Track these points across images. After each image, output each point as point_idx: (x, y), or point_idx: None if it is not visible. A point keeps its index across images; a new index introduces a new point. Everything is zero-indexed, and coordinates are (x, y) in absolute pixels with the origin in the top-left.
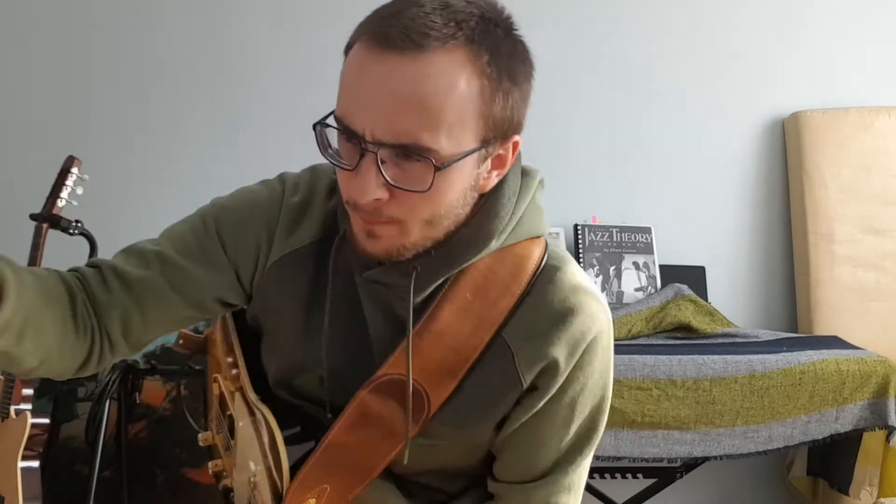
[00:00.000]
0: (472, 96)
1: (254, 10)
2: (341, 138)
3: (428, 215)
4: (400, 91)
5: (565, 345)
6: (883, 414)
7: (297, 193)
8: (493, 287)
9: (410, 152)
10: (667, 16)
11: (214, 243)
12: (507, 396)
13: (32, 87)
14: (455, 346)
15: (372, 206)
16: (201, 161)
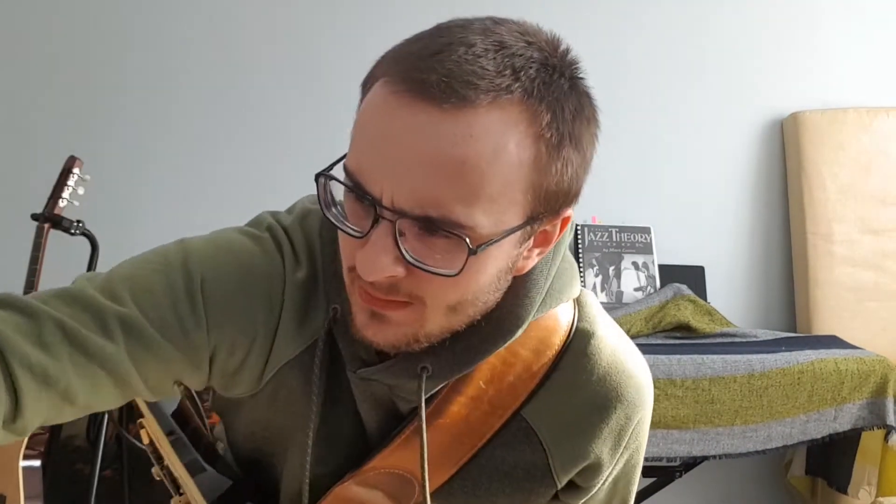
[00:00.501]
0: (522, 164)
1: (256, 11)
2: (349, 196)
3: (453, 301)
4: (433, 152)
5: (609, 438)
6: (881, 413)
7: (300, 266)
8: (511, 370)
9: (438, 227)
10: (666, 16)
11: (198, 321)
12: (535, 490)
13: (34, 87)
14: (460, 435)
15: (386, 282)
16: (203, 161)
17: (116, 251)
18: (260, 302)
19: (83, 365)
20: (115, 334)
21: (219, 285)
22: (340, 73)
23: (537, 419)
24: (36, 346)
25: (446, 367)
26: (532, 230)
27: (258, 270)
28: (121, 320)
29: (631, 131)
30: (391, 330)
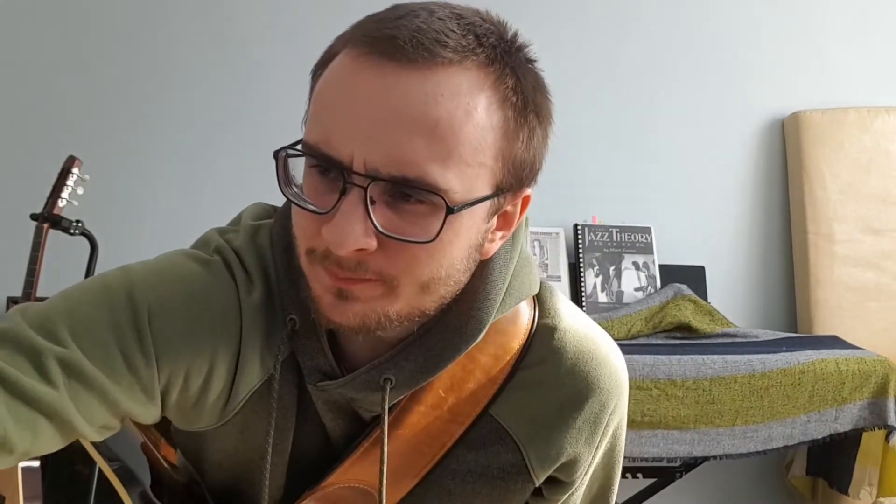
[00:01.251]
0: (492, 128)
1: (256, 9)
2: (311, 173)
3: (426, 276)
4: (406, 111)
5: (585, 429)
6: (882, 413)
7: (254, 287)
8: (471, 377)
9: (413, 190)
10: (666, 17)
11: (146, 357)
12: (512, 489)
13: (33, 87)
14: (419, 445)
15: (354, 258)
16: (202, 161)
17: (116, 251)
18: (213, 331)
19: (22, 413)
20: (55, 377)
21: (167, 316)
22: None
23: (508, 418)
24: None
25: (409, 377)
26: (499, 204)
27: (209, 298)
28: (60, 361)
29: (631, 131)
30: (359, 308)
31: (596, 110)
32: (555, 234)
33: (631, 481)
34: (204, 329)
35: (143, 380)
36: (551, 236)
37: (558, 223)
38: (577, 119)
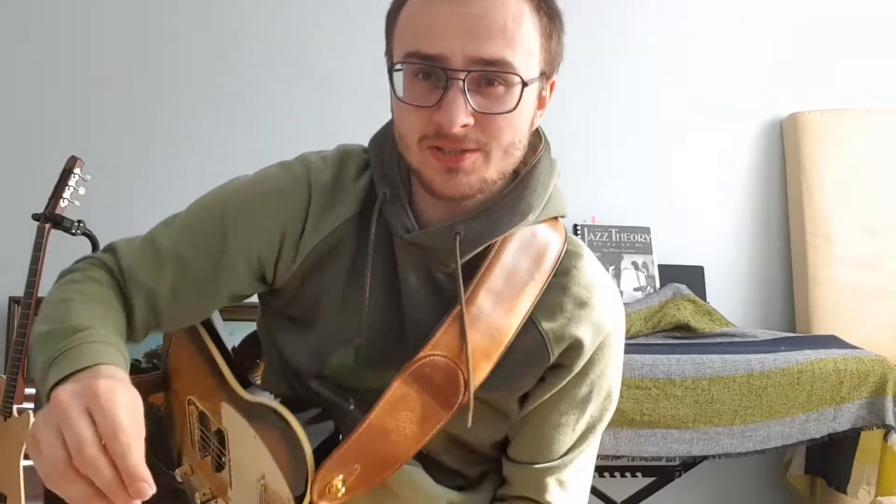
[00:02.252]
0: (537, 26)
1: (257, 10)
2: (413, 81)
3: (507, 142)
4: (481, 15)
5: (590, 326)
6: (880, 413)
7: (326, 171)
8: (519, 274)
9: (498, 72)
10: (666, 18)
11: (236, 244)
12: (534, 369)
13: (35, 87)
14: (490, 330)
15: (460, 134)
16: (203, 161)
17: None
18: (287, 210)
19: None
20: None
21: (252, 214)
22: (342, 74)
23: (541, 317)
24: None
25: (474, 235)
26: (542, 86)
27: (285, 189)
28: (174, 257)
29: (631, 131)
30: (464, 180)
31: (596, 111)
32: None
33: (630, 480)
34: (279, 209)
35: (237, 263)
36: None
37: None
38: (576, 119)
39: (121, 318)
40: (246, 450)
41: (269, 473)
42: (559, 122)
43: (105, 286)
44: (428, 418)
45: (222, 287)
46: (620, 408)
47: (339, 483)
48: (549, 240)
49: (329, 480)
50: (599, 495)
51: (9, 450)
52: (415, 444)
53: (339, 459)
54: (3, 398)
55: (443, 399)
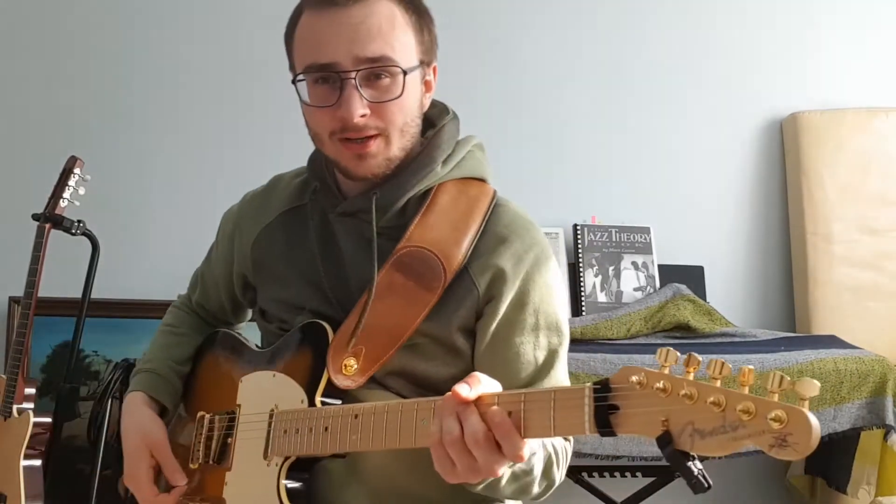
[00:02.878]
0: (408, 23)
1: (257, 10)
2: (314, 88)
3: (401, 122)
4: (359, 22)
5: (511, 257)
6: (880, 413)
7: (255, 190)
8: (459, 208)
9: (382, 68)
10: (666, 17)
11: (222, 263)
12: (466, 302)
13: (35, 87)
14: (442, 242)
15: (360, 123)
16: (204, 161)
17: (117, 251)
18: (230, 225)
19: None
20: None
21: (219, 237)
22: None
23: (472, 262)
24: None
25: (390, 191)
26: (424, 73)
27: (227, 215)
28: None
29: (630, 131)
30: (372, 162)
31: (595, 111)
32: (554, 234)
33: (630, 480)
34: (225, 228)
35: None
36: (551, 236)
37: (558, 223)
38: (576, 119)
39: (185, 341)
40: (259, 398)
41: (281, 397)
42: (560, 122)
43: (181, 313)
44: (416, 302)
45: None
46: None
47: (353, 361)
48: (477, 196)
49: (342, 360)
50: (599, 495)
51: (9, 449)
52: (409, 325)
53: (343, 338)
54: (3, 398)
55: (425, 284)
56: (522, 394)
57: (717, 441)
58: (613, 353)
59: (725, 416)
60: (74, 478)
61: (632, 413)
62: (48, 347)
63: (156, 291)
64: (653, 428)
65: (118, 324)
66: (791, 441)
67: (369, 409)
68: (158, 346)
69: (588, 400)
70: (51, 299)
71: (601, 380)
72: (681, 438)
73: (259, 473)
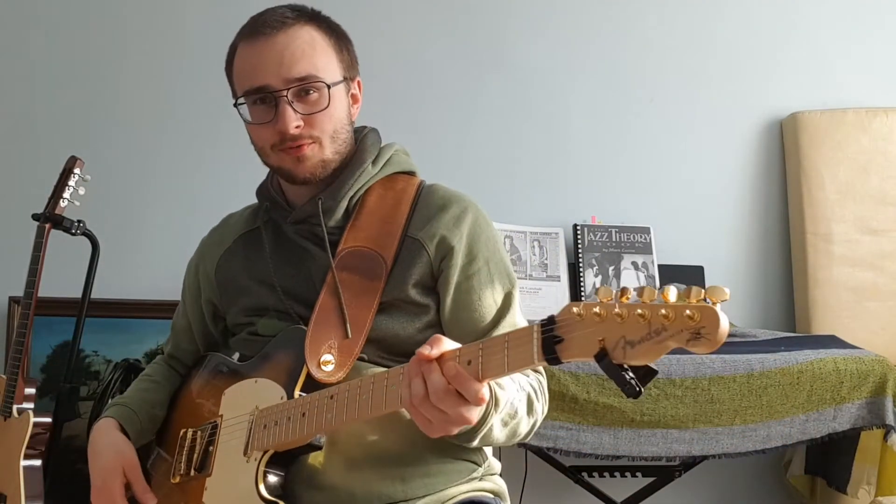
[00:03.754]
0: (328, 46)
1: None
2: (253, 108)
3: (332, 129)
4: (285, 49)
5: (451, 219)
6: (880, 413)
7: (209, 233)
8: (387, 202)
9: (309, 84)
10: (665, 17)
11: (191, 300)
12: (420, 264)
13: (35, 87)
14: (375, 237)
15: (296, 133)
16: (203, 161)
17: (117, 251)
18: (193, 266)
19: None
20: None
21: (186, 281)
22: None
23: (415, 230)
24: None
25: (332, 194)
26: (349, 87)
27: (190, 262)
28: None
29: (631, 131)
30: (308, 164)
31: (596, 110)
32: (554, 234)
33: (630, 480)
34: (190, 270)
35: (196, 309)
36: (551, 236)
37: (558, 223)
38: (576, 119)
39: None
40: (241, 404)
41: (263, 398)
42: (559, 123)
43: (156, 365)
44: (367, 292)
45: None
46: (620, 408)
47: (330, 358)
48: (404, 188)
49: (319, 355)
50: (599, 495)
51: (9, 450)
52: (367, 314)
53: (315, 335)
54: (3, 398)
55: (371, 273)
56: (480, 343)
57: (645, 348)
58: None
59: (651, 324)
60: (74, 478)
61: (573, 339)
62: (48, 347)
63: (156, 291)
64: (591, 348)
65: (118, 324)
66: (704, 333)
67: (343, 388)
68: (133, 390)
69: (536, 335)
70: (51, 299)
71: (546, 317)
72: (615, 352)
73: (239, 471)
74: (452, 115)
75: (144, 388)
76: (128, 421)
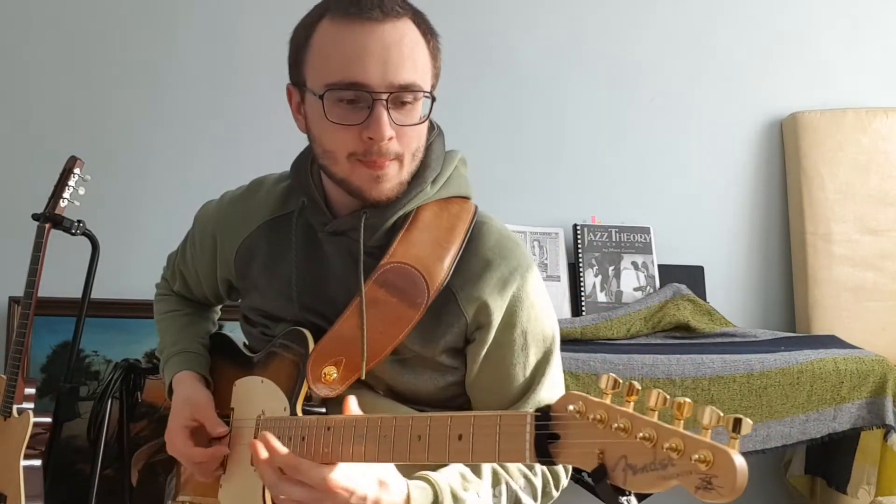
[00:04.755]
0: (428, 53)
1: (257, 11)
2: (339, 105)
3: (415, 147)
4: (394, 45)
5: (497, 283)
6: (880, 413)
7: (233, 193)
8: (442, 224)
9: (411, 94)
10: (666, 17)
11: (205, 266)
12: (454, 328)
13: (35, 87)
14: (424, 259)
15: (386, 145)
16: (203, 161)
17: (117, 251)
18: (207, 234)
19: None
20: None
21: (193, 243)
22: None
23: (455, 282)
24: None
25: (381, 212)
26: (430, 105)
27: (198, 220)
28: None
29: (631, 131)
30: (387, 185)
31: (596, 110)
32: (554, 234)
33: None
34: (202, 236)
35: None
36: (551, 236)
37: (558, 223)
38: (576, 119)
39: (196, 320)
40: (249, 403)
41: (268, 403)
42: (560, 122)
43: (174, 298)
44: (400, 319)
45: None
46: None
47: (333, 371)
48: (458, 213)
49: (322, 369)
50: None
51: (9, 450)
52: (392, 340)
53: (325, 348)
54: (3, 398)
55: (409, 300)
56: (472, 416)
57: (648, 478)
58: (613, 354)
59: (656, 452)
60: (74, 478)
61: (570, 444)
62: (48, 347)
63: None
64: (589, 460)
65: (118, 324)
66: (716, 484)
67: (340, 422)
68: (177, 329)
69: (529, 428)
70: (51, 299)
71: (543, 407)
72: (615, 473)
73: (248, 479)
74: (452, 114)
75: (184, 323)
76: (196, 364)
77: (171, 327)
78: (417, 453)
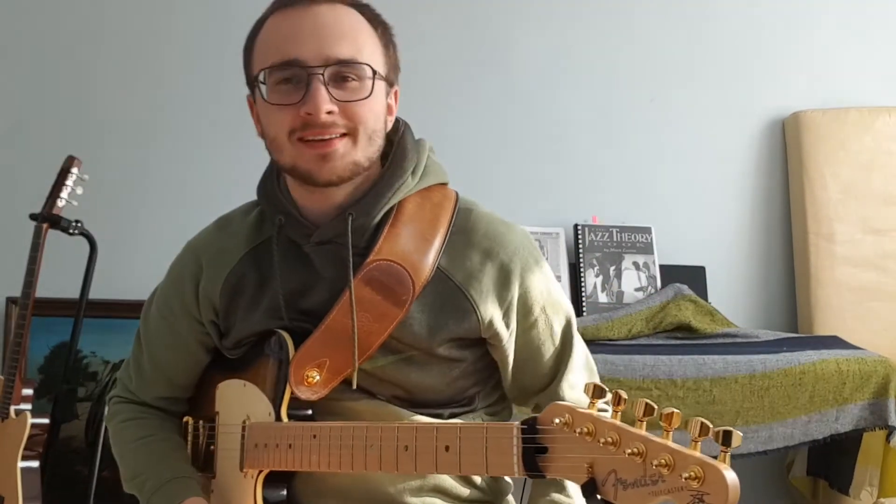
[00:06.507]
0: (376, 38)
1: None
2: (276, 89)
3: (371, 128)
4: (328, 23)
5: (501, 271)
6: (883, 414)
7: (204, 235)
8: (425, 215)
9: (352, 70)
10: (667, 16)
11: (176, 323)
12: (458, 314)
13: (33, 87)
14: (408, 254)
15: (327, 120)
16: (201, 161)
17: (115, 251)
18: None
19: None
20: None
21: (167, 297)
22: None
23: (451, 268)
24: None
25: (365, 209)
26: (389, 90)
27: (175, 271)
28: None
29: (631, 131)
30: (338, 164)
31: (596, 110)
32: (555, 234)
33: None
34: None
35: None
36: (551, 236)
37: (558, 223)
38: (577, 119)
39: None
40: (233, 407)
41: (252, 407)
42: (560, 122)
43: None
44: (385, 316)
45: (186, 345)
46: None
47: (315, 373)
48: (441, 202)
49: (304, 371)
50: None
51: (6, 451)
52: (375, 339)
53: (308, 351)
54: (1, 399)
55: (394, 297)
56: (458, 428)
57: (639, 493)
58: (614, 354)
59: (646, 467)
60: (72, 479)
61: (559, 457)
62: (46, 348)
63: None
64: (579, 474)
65: (116, 324)
66: (708, 501)
67: (326, 430)
68: (170, 452)
69: (516, 440)
70: (48, 300)
71: (529, 418)
72: (605, 487)
73: (238, 484)
74: (452, 114)
75: (173, 447)
76: (196, 489)
77: (159, 451)
78: (405, 464)
